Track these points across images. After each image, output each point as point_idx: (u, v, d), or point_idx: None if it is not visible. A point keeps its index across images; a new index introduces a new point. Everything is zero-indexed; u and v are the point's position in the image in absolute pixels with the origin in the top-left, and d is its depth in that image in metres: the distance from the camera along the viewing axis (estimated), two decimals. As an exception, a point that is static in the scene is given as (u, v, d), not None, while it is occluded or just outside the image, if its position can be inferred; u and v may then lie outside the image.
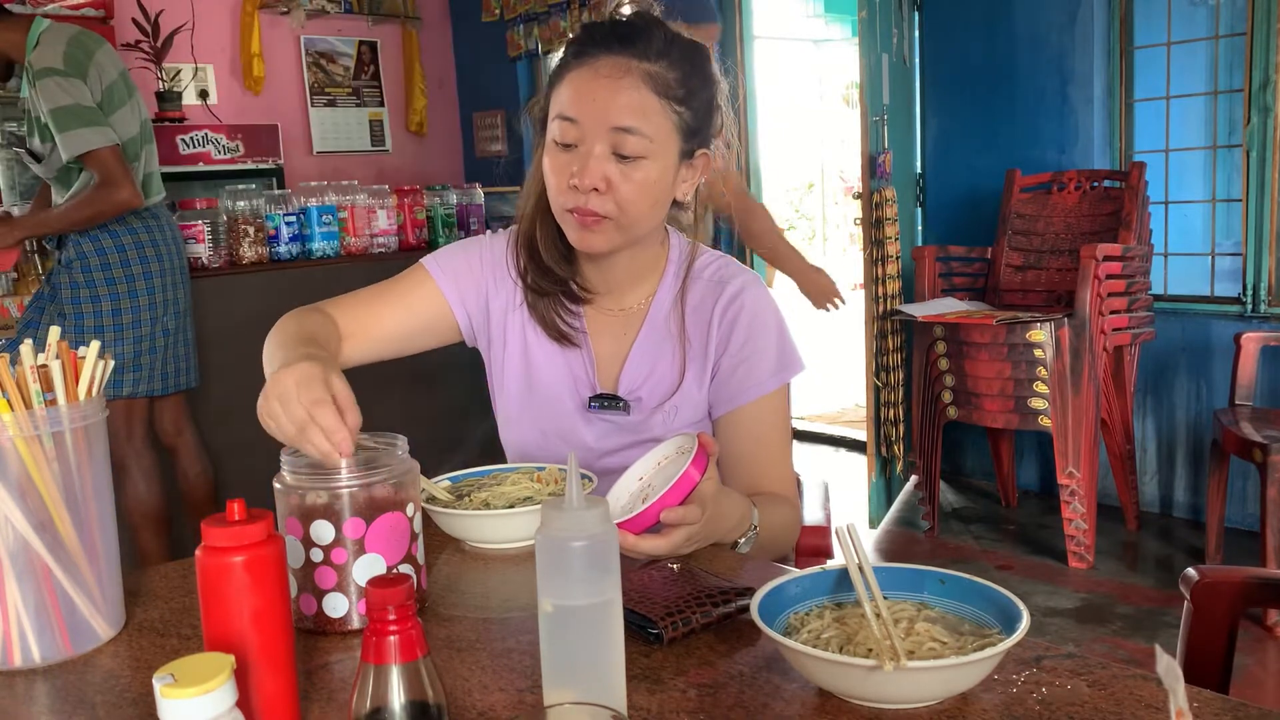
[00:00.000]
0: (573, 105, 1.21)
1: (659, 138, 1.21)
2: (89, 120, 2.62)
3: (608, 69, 1.20)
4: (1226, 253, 3.55)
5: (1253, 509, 3.19)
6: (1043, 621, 2.88)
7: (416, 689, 0.65)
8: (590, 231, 1.24)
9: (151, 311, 2.85)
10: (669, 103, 1.22)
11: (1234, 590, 1.13)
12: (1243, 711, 0.72)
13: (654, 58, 1.21)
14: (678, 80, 1.22)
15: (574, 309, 1.37)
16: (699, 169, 1.30)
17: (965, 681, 0.76)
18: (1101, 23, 3.61)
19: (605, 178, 1.20)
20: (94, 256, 2.76)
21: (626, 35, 1.21)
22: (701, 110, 1.26)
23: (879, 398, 3.72)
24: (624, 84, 1.19)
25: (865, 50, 3.53)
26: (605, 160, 1.20)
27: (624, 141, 1.19)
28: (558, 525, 0.73)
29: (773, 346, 1.32)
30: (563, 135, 1.22)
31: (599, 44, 1.22)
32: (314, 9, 5.42)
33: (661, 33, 1.23)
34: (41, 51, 2.66)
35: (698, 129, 1.26)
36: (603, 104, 1.19)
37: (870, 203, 3.61)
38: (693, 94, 1.24)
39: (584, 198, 1.21)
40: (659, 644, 0.88)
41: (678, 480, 0.99)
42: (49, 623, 0.90)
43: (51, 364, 0.89)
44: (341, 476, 0.92)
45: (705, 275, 1.36)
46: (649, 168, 1.22)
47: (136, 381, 2.86)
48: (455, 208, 3.94)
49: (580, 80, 1.21)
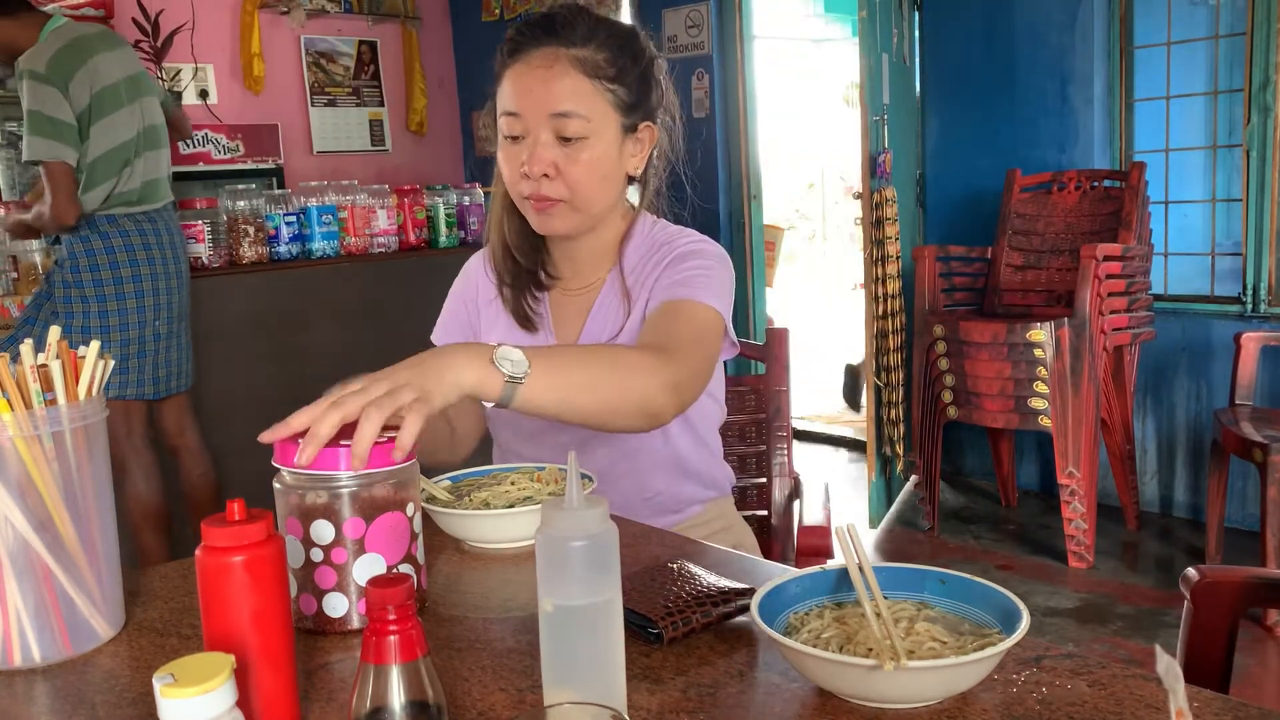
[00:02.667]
0: (513, 100, 1.30)
1: (596, 117, 1.29)
2: (48, 132, 2.69)
3: (539, 60, 1.29)
4: (1226, 253, 3.55)
5: (1253, 509, 3.19)
6: (1043, 621, 2.88)
7: (416, 689, 0.65)
8: (548, 215, 1.32)
9: (140, 315, 2.85)
10: (601, 83, 1.29)
11: (1234, 590, 1.13)
12: (1243, 711, 0.72)
13: (580, 43, 1.29)
14: (607, 60, 1.30)
15: (539, 295, 1.44)
16: (645, 141, 1.37)
17: (965, 681, 0.76)
18: (1101, 23, 3.61)
19: (552, 163, 1.29)
20: (84, 258, 2.78)
21: (553, 26, 1.30)
22: (635, 85, 1.33)
23: (879, 398, 3.72)
24: (555, 71, 1.28)
25: (865, 50, 3.53)
26: (550, 146, 1.29)
27: (564, 125, 1.28)
28: (558, 525, 0.73)
29: (703, 277, 1.31)
30: (509, 129, 1.31)
31: (529, 38, 1.30)
32: (314, 9, 5.42)
33: (586, 19, 1.31)
34: (34, 51, 2.71)
35: (635, 104, 1.33)
36: (539, 94, 1.28)
37: (870, 203, 3.61)
38: (624, 71, 1.31)
39: (536, 184, 1.30)
40: (659, 644, 0.88)
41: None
42: (49, 623, 0.90)
43: (51, 364, 0.89)
44: (342, 476, 0.92)
45: (655, 239, 1.41)
46: (593, 145, 1.30)
47: (124, 384, 2.85)
48: (455, 208, 3.94)
49: (516, 75, 1.30)
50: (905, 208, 3.88)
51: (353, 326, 3.63)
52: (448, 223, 3.90)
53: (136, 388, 2.88)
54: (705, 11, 4.69)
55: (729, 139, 4.79)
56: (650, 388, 1.11)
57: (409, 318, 3.67)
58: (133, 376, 2.87)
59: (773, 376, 1.69)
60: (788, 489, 1.68)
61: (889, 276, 3.67)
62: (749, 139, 4.74)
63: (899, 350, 3.75)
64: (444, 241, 3.89)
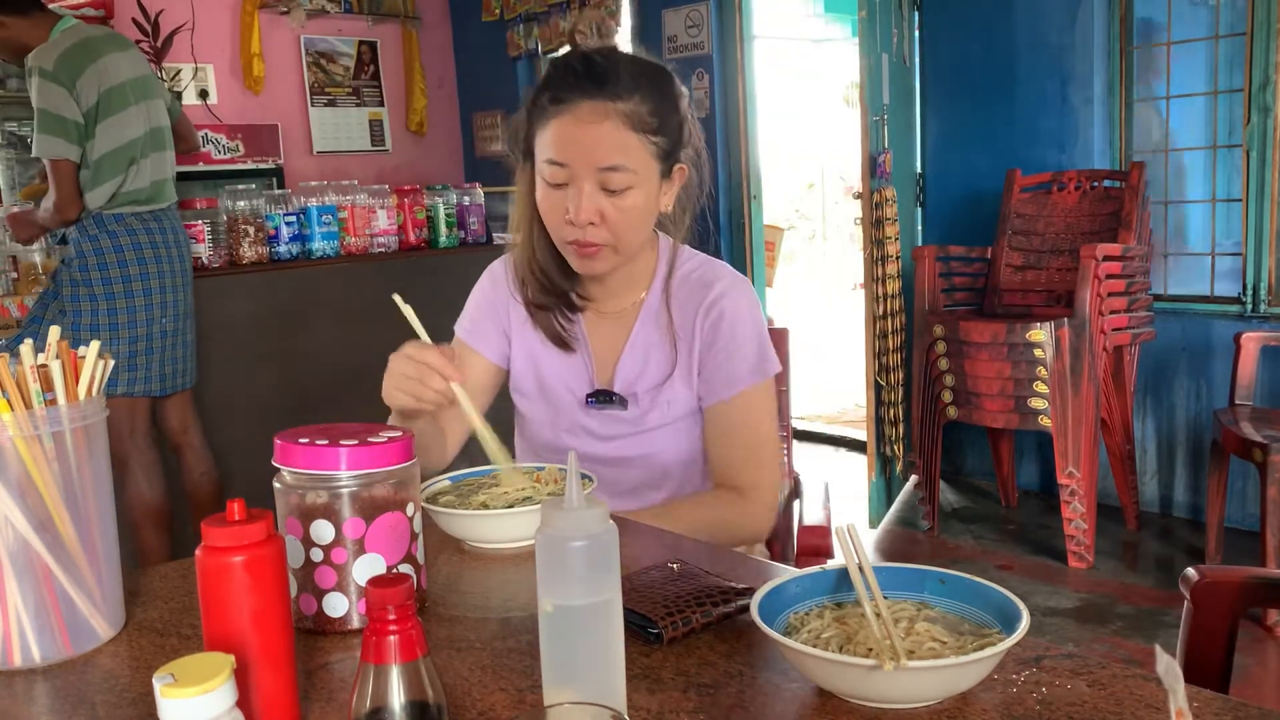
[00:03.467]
0: (560, 151, 1.31)
1: (641, 168, 1.32)
2: (53, 129, 2.75)
3: (588, 114, 1.29)
4: (1226, 253, 3.55)
5: (1253, 509, 3.19)
6: (1043, 621, 2.88)
7: (416, 689, 0.65)
8: (592, 260, 1.36)
9: (148, 312, 2.89)
10: (646, 136, 1.32)
11: (1234, 590, 1.13)
12: (1243, 711, 0.72)
13: (625, 96, 1.30)
14: (651, 112, 1.32)
15: (572, 317, 1.48)
16: (676, 180, 1.41)
17: (965, 681, 0.76)
18: (1101, 23, 3.61)
19: (598, 211, 1.32)
20: (93, 256, 2.82)
21: (599, 77, 1.30)
22: (674, 132, 1.36)
23: (879, 398, 3.72)
24: (605, 128, 1.29)
25: (865, 50, 3.53)
26: (595, 196, 1.31)
27: (610, 178, 1.31)
28: (558, 525, 0.73)
29: (751, 346, 1.42)
30: (553, 178, 1.32)
31: (574, 89, 1.30)
32: (314, 9, 5.42)
33: (627, 67, 1.32)
34: (43, 48, 2.77)
35: (672, 149, 1.37)
36: (588, 148, 1.30)
37: (870, 203, 3.62)
38: (665, 120, 1.34)
39: (581, 231, 1.33)
40: (659, 644, 0.88)
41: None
42: (49, 623, 0.90)
43: (51, 364, 0.89)
44: (342, 476, 0.92)
45: (692, 277, 1.46)
46: (635, 195, 1.33)
47: (132, 381, 2.89)
48: (455, 208, 3.94)
49: (563, 127, 1.31)
50: (905, 208, 3.88)
51: (353, 326, 3.63)
52: (448, 223, 3.90)
53: (144, 384, 2.92)
54: (705, 11, 4.69)
55: (729, 139, 4.79)
56: (755, 533, 1.43)
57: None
58: (140, 373, 2.90)
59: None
60: (788, 489, 1.68)
61: (889, 276, 3.67)
62: (749, 139, 4.74)
63: (899, 350, 3.75)
64: (444, 241, 3.89)
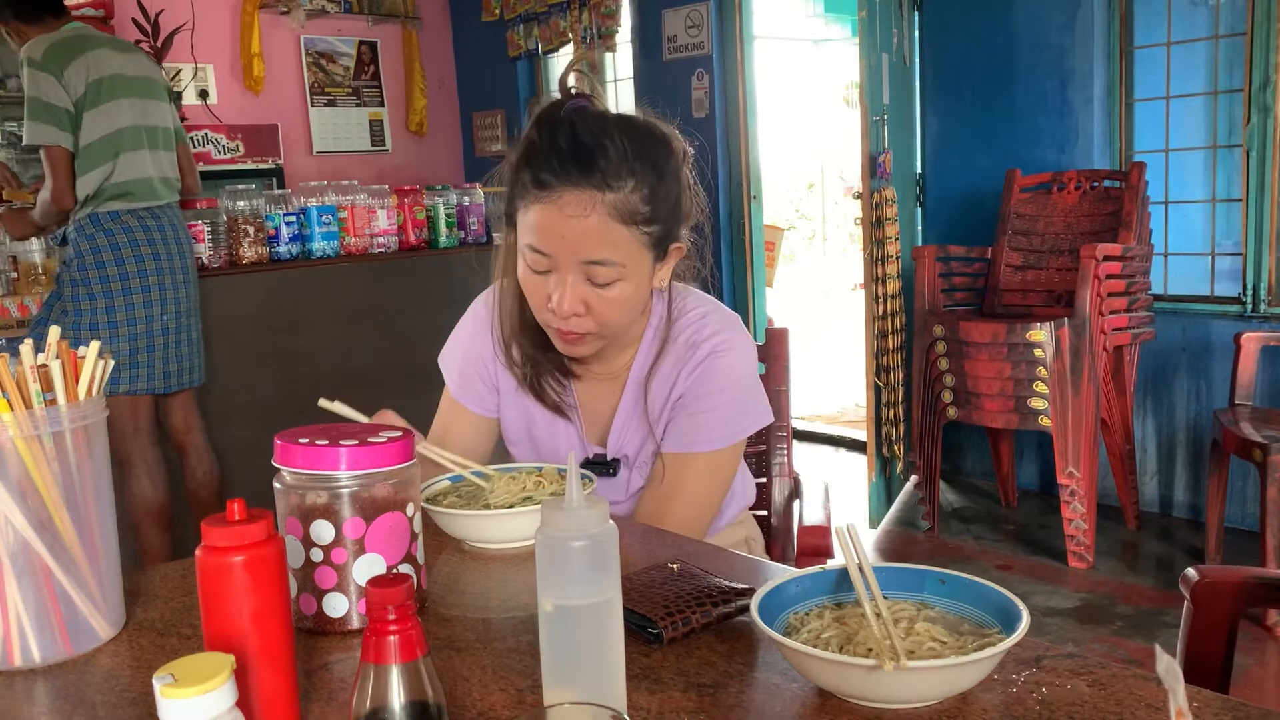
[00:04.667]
0: (541, 240, 1.21)
1: (630, 260, 1.22)
2: (43, 117, 2.77)
3: (572, 206, 1.18)
4: (1226, 253, 3.55)
5: (1253, 509, 3.19)
6: (1043, 621, 2.88)
7: (416, 689, 0.65)
8: (575, 345, 1.29)
9: (148, 309, 2.89)
10: (636, 228, 1.21)
11: (1234, 590, 1.13)
12: (1243, 711, 0.72)
13: (615, 184, 1.18)
14: (645, 199, 1.20)
15: (564, 382, 1.41)
16: (673, 258, 1.31)
17: (965, 681, 0.76)
18: (1101, 23, 3.61)
19: (582, 302, 1.23)
20: (90, 255, 2.83)
21: (586, 162, 1.17)
22: (670, 213, 1.25)
23: (879, 398, 3.72)
24: (591, 222, 1.18)
25: (865, 50, 3.53)
26: (580, 286, 1.22)
27: (596, 272, 1.21)
28: (558, 525, 0.73)
29: (721, 412, 1.33)
30: (535, 265, 1.23)
31: (558, 174, 1.18)
32: (314, 9, 5.42)
33: (617, 148, 1.19)
34: (35, 42, 2.80)
35: (667, 234, 1.25)
36: (572, 242, 1.19)
37: (870, 203, 3.61)
38: (660, 204, 1.22)
39: (564, 321, 1.24)
40: (659, 644, 0.88)
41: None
42: (49, 623, 0.90)
43: (51, 364, 0.89)
44: (342, 476, 0.92)
45: (681, 340, 1.36)
46: (623, 287, 1.23)
47: (134, 379, 2.89)
48: (455, 208, 3.94)
49: (546, 216, 1.19)
50: (905, 208, 3.88)
51: (353, 326, 3.63)
52: (448, 223, 3.90)
53: (146, 382, 2.92)
54: (705, 11, 4.69)
55: (729, 139, 4.79)
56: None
57: (409, 318, 3.67)
58: (142, 371, 2.90)
59: (773, 376, 1.68)
60: (788, 489, 1.68)
61: (889, 276, 3.67)
62: (749, 139, 4.74)
63: (899, 350, 3.75)
64: (444, 242, 3.89)
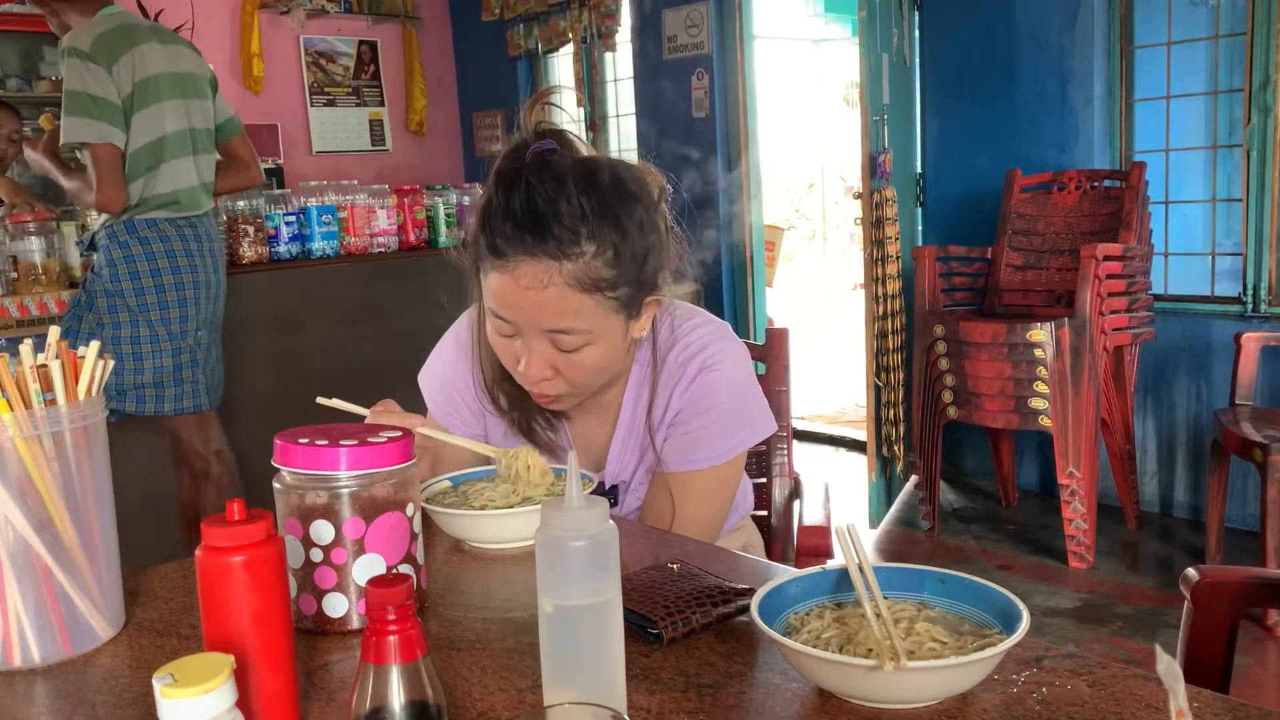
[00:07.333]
0: (501, 309, 1.16)
1: (597, 325, 1.16)
2: (90, 112, 2.57)
3: (528, 279, 1.11)
4: (1226, 253, 3.55)
5: (1253, 509, 3.19)
6: (1043, 621, 2.88)
7: (416, 689, 0.65)
8: (551, 404, 1.26)
9: (184, 324, 2.76)
10: (600, 294, 1.14)
11: (1234, 590, 1.13)
12: (1243, 711, 0.72)
13: (573, 251, 1.11)
14: (606, 263, 1.13)
15: (556, 423, 1.37)
16: (650, 310, 1.24)
17: (965, 681, 0.76)
18: (1101, 23, 3.61)
19: (550, 366, 1.19)
20: (123, 265, 2.68)
21: (541, 230, 1.10)
22: (638, 273, 1.17)
23: (879, 398, 3.72)
24: (549, 294, 1.12)
25: (865, 50, 3.53)
26: (547, 352, 1.18)
27: (560, 340, 1.16)
28: (558, 525, 0.73)
29: (719, 427, 1.30)
30: (499, 330, 1.19)
31: (512, 242, 1.11)
32: (314, 9, 5.42)
33: (573, 211, 1.11)
34: (78, 31, 2.63)
35: (637, 292, 1.19)
36: (530, 312, 1.14)
37: (870, 203, 3.61)
38: (624, 267, 1.15)
39: (534, 385, 1.21)
40: (659, 644, 0.88)
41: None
42: (49, 623, 0.90)
43: (51, 364, 0.89)
44: (342, 476, 0.92)
45: (671, 358, 1.31)
46: (592, 350, 1.18)
47: (179, 396, 2.76)
48: (455, 208, 3.94)
49: (503, 285, 1.14)
50: (905, 208, 3.88)
51: (353, 326, 3.63)
52: (447, 223, 3.90)
53: (193, 399, 2.79)
54: (705, 11, 4.69)
55: (729, 139, 4.79)
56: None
57: (409, 318, 3.67)
58: (187, 388, 2.78)
59: (772, 376, 1.68)
60: (788, 489, 1.68)
61: (889, 276, 3.67)
62: (749, 139, 4.74)
63: (899, 350, 3.75)
64: (444, 241, 3.89)
